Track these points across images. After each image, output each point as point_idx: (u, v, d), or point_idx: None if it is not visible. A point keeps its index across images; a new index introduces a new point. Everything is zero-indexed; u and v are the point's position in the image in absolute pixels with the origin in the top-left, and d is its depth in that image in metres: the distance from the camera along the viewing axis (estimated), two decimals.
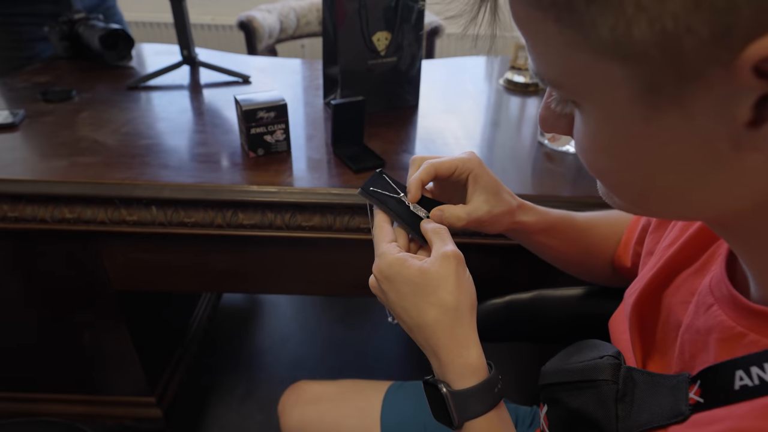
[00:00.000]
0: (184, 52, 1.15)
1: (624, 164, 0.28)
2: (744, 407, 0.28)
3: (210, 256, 0.80)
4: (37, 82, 1.07)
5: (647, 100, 0.23)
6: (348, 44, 0.90)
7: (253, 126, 0.77)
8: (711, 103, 0.22)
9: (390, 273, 0.42)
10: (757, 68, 0.19)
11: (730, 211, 0.27)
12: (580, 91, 0.26)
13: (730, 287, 0.32)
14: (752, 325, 0.30)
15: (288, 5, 1.93)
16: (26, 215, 0.73)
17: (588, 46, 0.23)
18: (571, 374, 0.42)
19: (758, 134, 0.21)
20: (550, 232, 0.55)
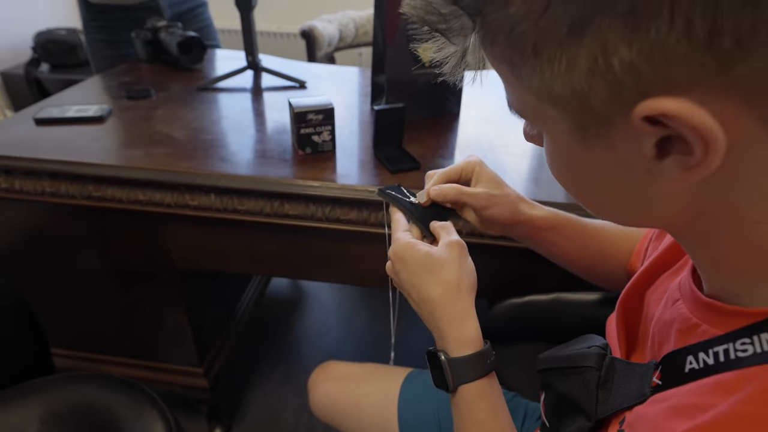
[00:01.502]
0: (249, 58, 1.26)
1: (573, 178, 0.34)
2: (688, 387, 0.32)
3: (257, 242, 0.89)
4: (122, 82, 1.21)
5: (578, 136, 0.29)
6: (395, 55, 0.97)
7: (302, 126, 0.86)
8: (624, 140, 0.27)
9: (403, 254, 0.49)
10: (648, 119, 0.25)
11: (668, 223, 0.32)
12: (535, 122, 0.33)
13: (691, 284, 0.36)
14: (704, 317, 0.34)
15: (348, 15, 2.03)
16: (107, 195, 0.85)
17: (531, 91, 0.29)
18: (561, 360, 0.46)
19: (662, 166, 0.27)
20: (557, 230, 0.59)
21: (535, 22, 0.25)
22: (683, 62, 0.23)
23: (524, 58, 0.27)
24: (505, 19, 0.27)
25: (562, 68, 0.26)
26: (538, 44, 0.26)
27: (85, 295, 1.04)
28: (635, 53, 0.23)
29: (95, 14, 1.34)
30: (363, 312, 1.61)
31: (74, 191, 0.85)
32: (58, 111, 1.01)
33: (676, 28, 0.22)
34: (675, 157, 0.26)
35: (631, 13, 0.23)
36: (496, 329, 0.79)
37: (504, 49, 0.28)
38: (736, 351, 0.30)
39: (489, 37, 0.29)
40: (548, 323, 0.74)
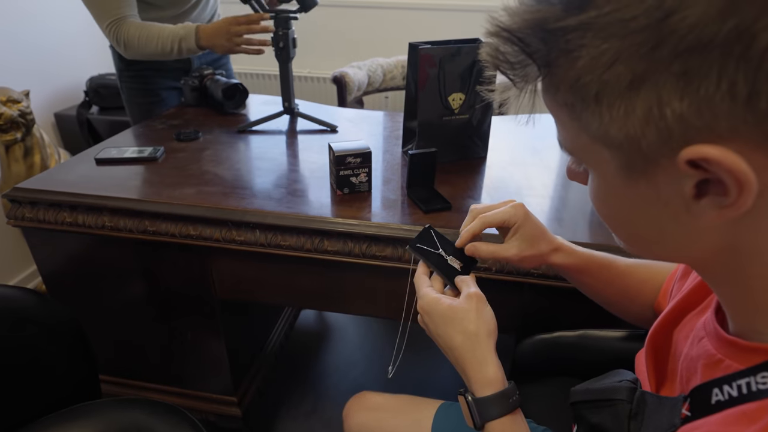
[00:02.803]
0: (285, 104, 1.36)
1: (615, 212, 0.38)
2: (715, 417, 0.35)
3: (298, 276, 0.95)
4: (171, 125, 1.31)
5: (625, 174, 0.33)
6: (427, 103, 1.05)
7: (342, 168, 0.92)
8: (668, 180, 0.31)
9: (428, 309, 0.57)
10: (691, 163, 0.29)
11: (698, 257, 0.36)
12: (585, 161, 0.37)
13: (715, 323, 0.40)
14: (728, 353, 0.37)
15: (376, 62, 2.14)
16: (161, 230, 0.92)
17: (587, 133, 0.33)
18: (594, 393, 0.49)
19: (699, 205, 0.31)
20: (585, 272, 0.64)
21: (599, 75, 0.30)
22: (726, 117, 0.27)
23: (585, 104, 0.31)
24: (571, 72, 0.31)
25: (620, 114, 0.30)
26: (600, 94, 0.30)
27: (132, 324, 1.10)
28: (686, 106, 0.27)
29: (128, 65, 1.46)
30: (387, 347, 1.64)
31: (132, 226, 0.93)
32: (116, 152, 1.10)
33: (722, 88, 0.26)
34: (711, 198, 0.30)
35: (684, 73, 0.27)
36: (524, 364, 0.82)
37: (566, 96, 0.32)
38: (757, 383, 0.33)
39: (554, 86, 0.33)
40: (575, 359, 0.77)
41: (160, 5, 1.37)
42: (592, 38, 0.29)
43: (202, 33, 1.27)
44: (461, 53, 1.02)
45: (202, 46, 1.28)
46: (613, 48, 0.29)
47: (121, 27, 1.27)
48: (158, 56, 1.31)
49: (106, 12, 1.27)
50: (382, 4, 2.66)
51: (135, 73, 1.46)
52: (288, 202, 0.93)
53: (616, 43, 0.28)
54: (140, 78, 1.47)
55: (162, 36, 1.27)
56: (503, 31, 0.33)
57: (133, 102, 1.51)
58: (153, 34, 1.27)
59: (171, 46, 1.28)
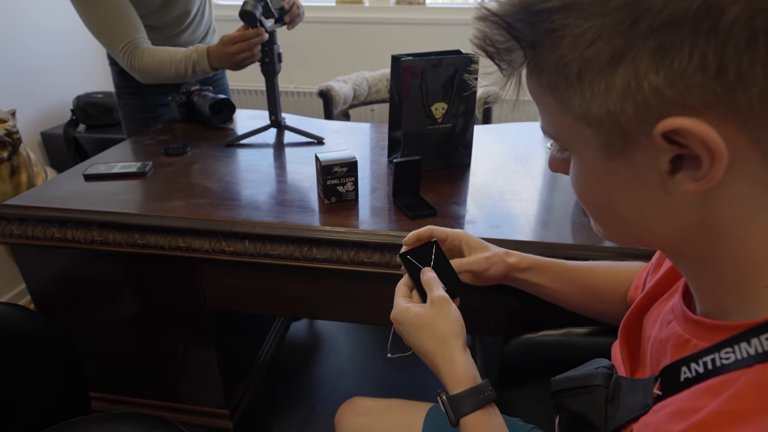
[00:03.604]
0: (272, 117, 1.38)
1: (596, 195, 0.39)
2: (684, 393, 0.37)
3: (287, 284, 0.96)
4: (160, 140, 1.33)
5: (605, 153, 0.35)
6: (410, 113, 1.07)
7: (329, 178, 0.94)
8: (645, 157, 0.33)
9: (399, 318, 0.60)
10: (666, 137, 0.31)
11: (671, 237, 0.37)
12: (567, 143, 0.38)
13: (682, 305, 0.42)
14: (695, 333, 0.39)
15: (362, 76, 2.18)
16: (151, 243, 0.93)
17: (569, 113, 0.35)
18: (572, 381, 0.51)
19: (674, 180, 0.32)
20: (536, 271, 0.69)
21: (581, 53, 0.32)
22: (698, 89, 0.29)
23: (568, 83, 0.33)
24: (556, 52, 0.33)
25: (601, 90, 0.32)
26: (582, 71, 0.32)
27: (123, 338, 1.10)
28: (661, 79, 0.29)
29: (127, 82, 1.48)
30: (378, 356, 1.64)
31: (121, 239, 0.94)
32: (104, 168, 1.11)
33: (694, 61, 0.28)
34: (685, 172, 0.31)
35: (660, 48, 0.29)
36: (511, 365, 0.84)
37: (551, 77, 0.34)
38: (721, 359, 0.35)
39: (539, 67, 0.35)
40: (561, 357, 0.78)
41: (156, 27, 1.39)
42: (575, 18, 0.31)
43: (212, 55, 1.29)
44: (442, 64, 1.05)
45: (215, 67, 1.31)
46: (595, 26, 0.31)
47: (135, 54, 1.29)
48: (174, 80, 1.35)
49: (117, 40, 1.29)
50: (365, 20, 2.71)
51: (133, 90, 1.48)
52: (276, 212, 0.94)
53: (597, 22, 0.30)
54: (138, 94, 1.49)
55: (175, 61, 1.30)
56: (491, 15, 0.35)
57: (131, 118, 1.52)
58: (165, 60, 1.30)
59: (185, 69, 1.31)
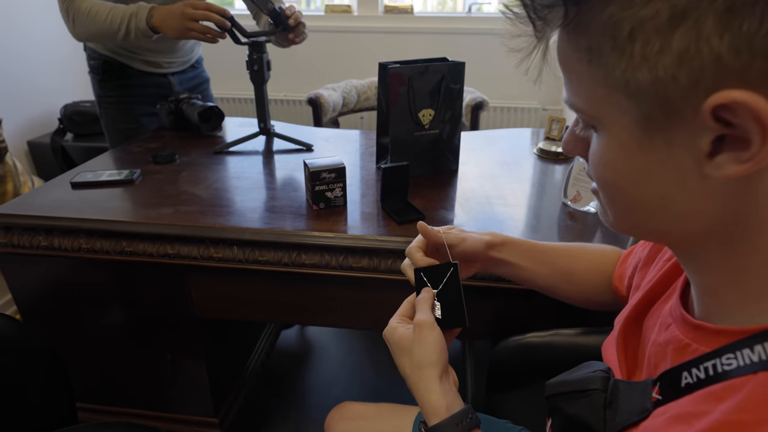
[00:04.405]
0: (261, 124, 1.38)
1: (619, 177, 0.36)
2: (685, 399, 0.36)
3: (276, 291, 0.96)
4: (148, 148, 1.32)
5: (641, 127, 0.32)
6: (398, 119, 1.08)
7: (317, 184, 0.95)
8: (685, 135, 0.31)
9: (387, 337, 0.59)
10: (714, 113, 0.29)
11: (695, 229, 0.35)
12: (597, 117, 0.35)
13: (681, 309, 0.42)
14: (695, 337, 0.39)
15: (351, 84, 2.20)
16: (138, 250, 0.93)
17: (605, 82, 0.33)
18: (569, 385, 0.51)
19: (713, 163, 0.30)
20: (513, 248, 0.69)
21: (636, 12, 0.29)
22: (762, 59, 0.27)
23: (616, 44, 0.30)
24: (605, 9, 0.30)
25: (654, 52, 0.29)
26: (635, 31, 0.29)
27: (111, 347, 1.09)
28: (725, 45, 0.27)
29: (108, 91, 1.47)
30: (368, 362, 1.64)
31: (109, 247, 0.93)
32: (92, 175, 1.11)
33: (764, 27, 0.26)
34: (728, 154, 0.29)
35: (729, 9, 0.26)
36: (500, 367, 0.84)
37: (594, 39, 0.32)
38: (722, 365, 0.34)
39: (581, 27, 0.32)
40: (549, 358, 0.79)
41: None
42: None
43: (155, 12, 1.19)
44: (429, 71, 1.07)
45: (153, 27, 1.20)
46: None
47: (77, 1, 1.21)
48: (105, 34, 1.23)
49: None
50: (354, 29, 2.74)
51: (115, 100, 1.47)
52: (265, 218, 0.95)
53: None
54: (121, 104, 1.48)
55: (113, 12, 1.20)
56: None
57: (114, 128, 1.51)
58: (104, 9, 1.21)
59: (120, 23, 1.20)
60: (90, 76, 1.48)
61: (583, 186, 0.97)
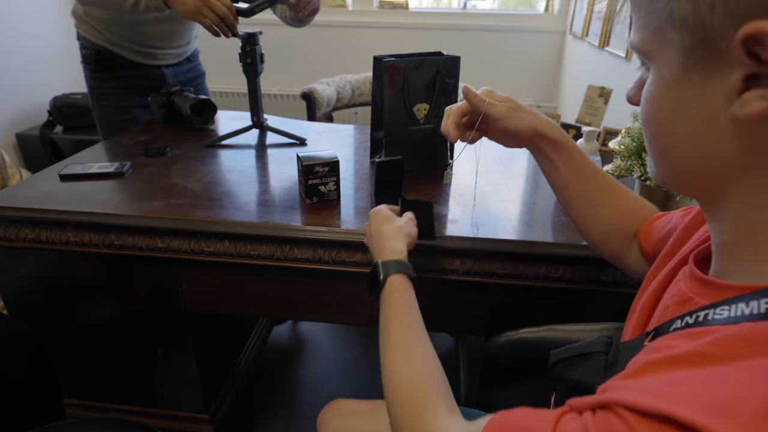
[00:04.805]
0: (254, 118, 1.37)
1: (657, 112, 0.38)
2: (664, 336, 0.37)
3: (269, 285, 0.95)
4: (139, 141, 1.31)
5: (682, 62, 0.34)
6: (392, 114, 1.07)
7: (310, 178, 0.94)
8: (719, 72, 0.32)
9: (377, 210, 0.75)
10: (746, 47, 0.30)
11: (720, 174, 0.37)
12: (648, 52, 0.38)
13: (692, 266, 0.42)
14: (699, 291, 0.39)
15: (345, 79, 2.18)
16: (128, 243, 0.91)
17: (657, 14, 0.35)
18: (572, 350, 0.51)
19: (741, 99, 0.32)
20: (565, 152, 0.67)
21: None
22: None
23: None
24: None
25: None
26: None
27: (100, 342, 1.07)
28: None
29: (102, 82, 1.44)
30: (362, 359, 1.63)
31: (98, 240, 0.92)
32: (81, 168, 1.09)
33: None
34: (756, 91, 0.31)
35: None
36: (493, 362, 0.84)
37: None
38: (713, 315, 0.34)
39: None
40: (542, 353, 0.79)
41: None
42: None
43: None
44: (425, 65, 1.06)
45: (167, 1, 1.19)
46: None
47: None
48: (113, 1, 1.20)
49: None
50: (349, 23, 2.72)
51: (109, 92, 1.45)
52: (257, 212, 0.94)
53: None
54: (114, 96, 1.46)
55: None
56: None
57: (107, 121, 1.49)
58: None
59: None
60: (83, 66, 1.46)
61: None
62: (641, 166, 0.81)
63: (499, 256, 0.86)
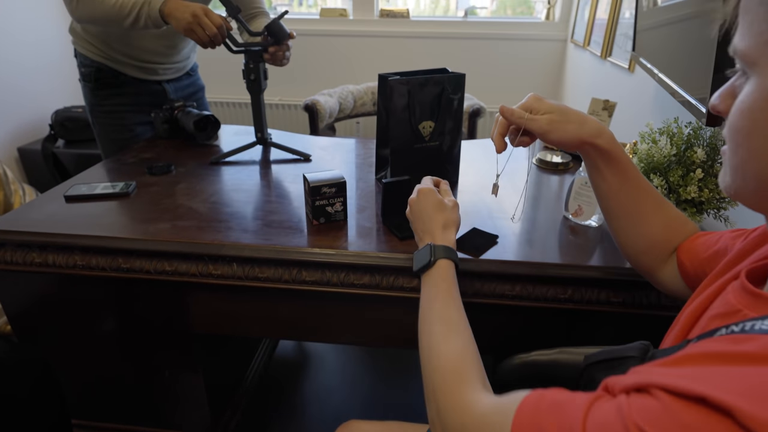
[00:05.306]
0: (258, 134, 1.37)
1: (753, 124, 0.37)
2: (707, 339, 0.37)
3: (276, 307, 0.95)
4: (143, 158, 1.30)
5: None
6: (398, 132, 1.07)
7: (317, 199, 0.94)
8: None
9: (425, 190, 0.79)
10: None
11: None
12: (755, 61, 0.37)
13: (743, 279, 0.42)
14: (747, 303, 0.39)
15: (347, 89, 2.18)
16: (135, 267, 0.91)
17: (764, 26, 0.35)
18: (607, 354, 0.51)
19: None
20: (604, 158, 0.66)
21: None
22: None
23: None
24: None
25: None
26: None
27: (107, 364, 1.07)
28: None
29: (102, 100, 1.44)
30: (368, 374, 1.63)
31: (105, 264, 0.91)
32: (86, 188, 1.09)
33: None
34: None
35: None
36: (503, 385, 0.84)
37: None
38: (761, 325, 0.34)
39: None
40: (554, 377, 0.79)
41: None
42: None
43: (169, 1, 1.20)
44: (429, 83, 1.06)
45: (163, 13, 1.21)
46: None
47: None
48: (111, 18, 1.22)
49: None
50: (350, 33, 2.72)
51: (109, 109, 1.45)
52: (264, 233, 0.93)
53: None
54: (115, 114, 1.45)
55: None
56: None
57: (108, 138, 1.48)
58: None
59: (132, 8, 1.20)
60: (81, 84, 1.46)
61: (584, 200, 0.96)
62: None
63: (507, 278, 0.86)
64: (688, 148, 0.79)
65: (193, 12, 1.19)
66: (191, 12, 1.19)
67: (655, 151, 0.80)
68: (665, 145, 0.80)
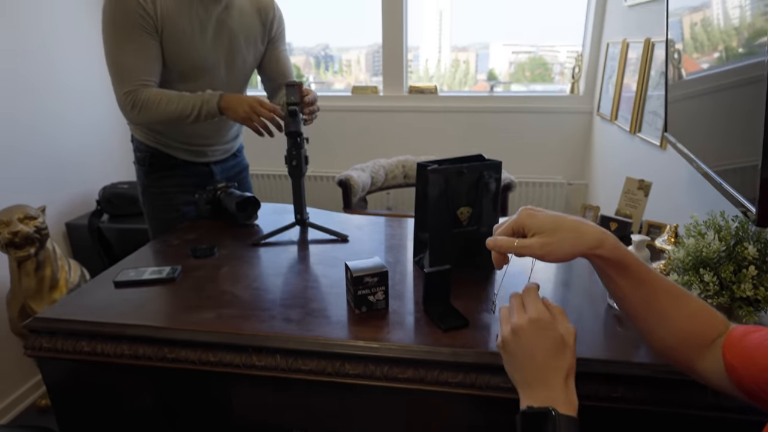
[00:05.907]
0: (297, 216, 1.41)
1: None
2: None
3: (319, 399, 0.93)
4: (186, 239, 1.35)
5: None
6: (436, 217, 1.09)
7: (359, 288, 0.95)
8: None
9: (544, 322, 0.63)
10: None
11: None
12: None
13: None
14: None
15: (378, 163, 2.26)
16: (180, 357, 0.92)
17: None
18: None
19: None
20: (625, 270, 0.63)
21: None
22: None
23: None
24: None
25: None
26: None
27: None
28: None
29: (154, 182, 1.53)
30: None
31: (151, 353, 0.93)
32: (134, 273, 1.13)
33: None
34: None
35: None
36: None
37: None
38: None
39: None
40: None
41: None
42: None
43: (225, 96, 1.32)
44: (467, 172, 1.08)
45: (222, 108, 1.32)
46: None
47: (142, 91, 1.30)
48: (174, 118, 1.33)
49: (131, 77, 1.29)
50: (380, 108, 2.84)
51: (160, 191, 1.53)
52: (307, 323, 0.94)
53: None
54: (165, 195, 1.54)
55: (183, 100, 1.32)
56: None
57: (157, 218, 1.56)
58: (174, 97, 1.32)
59: (192, 108, 1.31)
60: (135, 167, 1.55)
61: None
62: (700, 282, 0.80)
63: None
64: (737, 243, 0.78)
65: (249, 104, 1.29)
66: (248, 104, 1.29)
67: (703, 246, 0.79)
68: (713, 239, 0.79)
